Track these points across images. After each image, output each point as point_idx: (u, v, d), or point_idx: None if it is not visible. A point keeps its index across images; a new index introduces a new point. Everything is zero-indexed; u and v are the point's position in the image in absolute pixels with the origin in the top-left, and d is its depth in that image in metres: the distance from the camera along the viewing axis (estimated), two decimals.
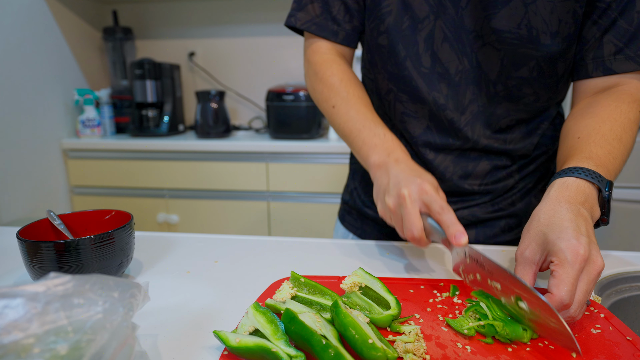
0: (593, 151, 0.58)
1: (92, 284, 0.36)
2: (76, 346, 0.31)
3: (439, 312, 0.50)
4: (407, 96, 0.73)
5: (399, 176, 0.58)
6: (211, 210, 1.98)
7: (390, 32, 0.70)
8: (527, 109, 0.72)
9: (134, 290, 0.38)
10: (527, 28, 0.63)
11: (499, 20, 0.64)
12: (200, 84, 2.41)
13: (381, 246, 0.72)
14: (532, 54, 0.65)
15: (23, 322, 0.31)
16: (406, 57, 0.70)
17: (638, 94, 0.65)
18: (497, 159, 0.75)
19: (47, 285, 0.34)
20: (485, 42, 0.66)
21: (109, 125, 2.14)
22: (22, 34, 1.81)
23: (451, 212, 0.53)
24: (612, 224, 1.80)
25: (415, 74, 0.71)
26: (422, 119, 0.74)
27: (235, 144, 1.89)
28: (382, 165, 0.62)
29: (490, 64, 0.68)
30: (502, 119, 0.72)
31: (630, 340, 0.44)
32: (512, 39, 0.65)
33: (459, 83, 0.70)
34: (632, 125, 0.62)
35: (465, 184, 0.75)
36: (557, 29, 0.64)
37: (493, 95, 0.70)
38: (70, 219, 0.63)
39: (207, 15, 2.33)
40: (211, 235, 0.77)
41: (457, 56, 0.68)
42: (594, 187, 0.54)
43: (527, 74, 0.68)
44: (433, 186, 0.56)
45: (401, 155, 0.62)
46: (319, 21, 0.75)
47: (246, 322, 0.44)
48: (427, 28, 0.68)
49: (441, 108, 0.71)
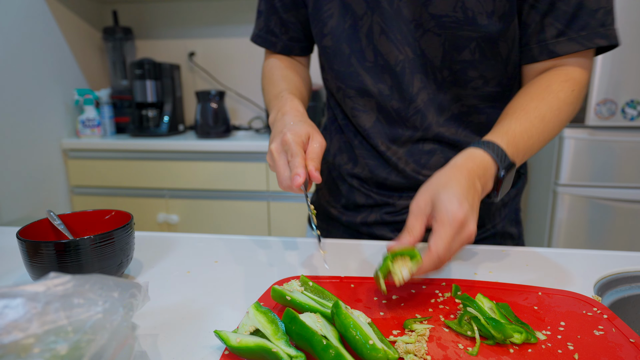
0: (511, 127, 0.62)
1: (92, 284, 0.36)
2: (76, 346, 0.31)
3: (441, 312, 0.50)
4: (355, 91, 0.77)
5: (275, 131, 0.64)
6: (211, 210, 1.98)
7: (333, 33, 0.75)
8: (477, 94, 0.73)
9: (134, 290, 0.38)
10: (463, 10, 0.66)
11: (435, 6, 0.66)
12: (200, 84, 2.41)
13: (381, 246, 0.72)
14: (471, 36, 0.67)
15: (23, 322, 0.31)
16: (351, 54, 0.74)
17: (574, 72, 0.66)
18: (451, 150, 0.76)
19: (47, 285, 0.34)
20: (426, 30, 0.69)
21: (109, 125, 2.14)
22: (22, 34, 1.81)
23: (297, 157, 0.57)
24: (612, 224, 1.80)
25: (360, 69, 0.74)
26: (370, 111, 0.77)
27: (235, 144, 1.89)
28: (272, 121, 0.68)
29: (433, 51, 0.70)
30: (453, 104, 0.74)
31: (634, 342, 0.44)
32: (450, 22, 0.67)
33: (402, 73, 0.72)
34: (560, 105, 0.64)
35: (420, 176, 0.77)
36: (493, 8, 0.65)
37: (441, 81, 0.72)
38: (70, 219, 0.63)
39: (207, 15, 2.33)
40: (211, 235, 0.77)
41: (395, 47, 0.71)
42: (494, 162, 0.58)
43: (469, 56, 0.69)
44: (295, 135, 0.60)
45: (287, 109, 0.67)
46: (262, 34, 0.84)
47: (247, 322, 0.44)
48: (366, 24, 0.72)
49: (387, 99, 0.74)
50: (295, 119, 0.64)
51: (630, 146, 1.73)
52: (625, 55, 1.65)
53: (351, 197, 0.83)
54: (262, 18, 0.83)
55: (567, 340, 0.44)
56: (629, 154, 1.74)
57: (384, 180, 0.79)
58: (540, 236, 1.99)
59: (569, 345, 0.43)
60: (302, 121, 0.64)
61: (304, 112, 0.69)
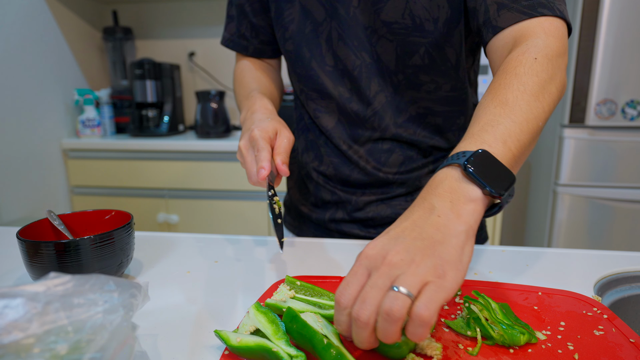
0: (468, 132, 0.51)
1: (92, 284, 0.36)
2: (76, 346, 0.31)
3: (441, 312, 0.50)
4: (317, 94, 0.79)
5: (244, 129, 0.66)
6: (211, 210, 1.98)
7: (294, 38, 0.77)
8: (431, 97, 0.75)
9: (134, 290, 0.38)
10: (411, 17, 0.68)
11: (386, 13, 0.69)
12: (200, 84, 2.41)
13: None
14: (420, 42, 0.70)
15: (23, 322, 0.31)
16: (311, 58, 0.76)
17: (535, 40, 0.57)
18: (409, 149, 0.78)
19: (47, 285, 0.34)
20: (380, 36, 0.71)
21: (109, 125, 2.14)
22: (22, 34, 1.81)
23: (263, 151, 0.60)
24: (612, 224, 1.80)
25: (320, 73, 0.77)
26: (332, 113, 0.79)
27: (235, 144, 1.89)
28: (243, 120, 0.71)
29: (388, 55, 0.72)
30: (410, 106, 0.76)
31: (634, 342, 0.44)
32: (399, 28, 0.69)
33: (359, 77, 0.74)
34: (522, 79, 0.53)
35: (380, 173, 0.79)
36: (438, 14, 0.67)
37: (397, 85, 0.74)
38: (70, 219, 0.63)
39: (207, 15, 2.33)
40: (211, 235, 0.77)
41: (352, 52, 0.73)
42: (452, 167, 0.46)
43: (419, 61, 0.71)
44: (263, 131, 0.62)
45: (257, 107, 0.70)
46: (233, 38, 0.87)
47: (247, 322, 0.44)
48: (326, 30, 0.74)
49: (347, 101, 0.77)
50: (263, 116, 0.67)
51: (630, 146, 1.73)
52: (625, 55, 1.65)
53: (318, 194, 0.85)
54: (233, 22, 0.86)
55: (567, 340, 0.44)
56: (629, 154, 1.74)
57: (347, 177, 0.81)
58: (540, 236, 1.99)
59: (569, 345, 0.43)
60: (270, 118, 0.67)
61: (272, 109, 0.72)
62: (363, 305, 0.36)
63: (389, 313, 0.35)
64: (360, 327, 0.36)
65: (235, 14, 0.85)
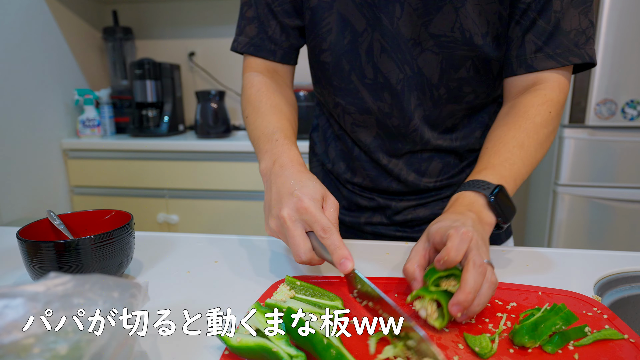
0: (490, 161, 0.63)
1: (92, 284, 0.36)
2: (76, 346, 0.31)
3: None
4: (355, 108, 0.76)
5: (279, 191, 0.55)
6: (211, 210, 1.98)
7: (333, 49, 0.73)
8: (469, 107, 0.75)
9: (133, 290, 0.38)
10: (460, 31, 0.67)
11: (434, 25, 0.67)
12: (200, 84, 2.41)
13: (382, 246, 0.72)
14: (468, 55, 0.69)
15: (23, 322, 0.31)
16: (351, 70, 0.73)
17: (552, 94, 0.67)
18: (447, 156, 0.79)
19: (47, 285, 0.34)
20: (424, 49, 0.69)
21: (109, 125, 2.14)
22: (22, 34, 1.81)
23: (334, 233, 0.51)
24: (612, 224, 1.80)
25: (360, 86, 0.74)
26: (371, 127, 0.77)
27: (235, 144, 1.89)
28: (267, 173, 0.60)
29: (431, 69, 0.70)
30: (448, 120, 0.76)
31: (634, 342, 0.44)
32: (447, 42, 0.68)
33: (401, 91, 0.72)
34: (537, 129, 0.65)
35: (421, 183, 0.79)
36: (487, 29, 0.67)
37: (437, 99, 0.73)
38: (70, 219, 0.63)
39: (207, 15, 2.33)
40: (211, 235, 0.77)
41: (396, 65, 0.71)
42: (479, 194, 0.58)
43: (465, 74, 0.71)
44: (313, 200, 0.52)
45: (286, 161, 0.59)
46: (256, 42, 0.76)
47: (247, 322, 0.44)
48: (366, 41, 0.71)
49: (387, 116, 0.74)
50: (300, 176, 0.56)
51: (630, 146, 1.73)
52: (625, 55, 1.65)
53: (353, 199, 0.84)
54: (253, 25, 0.75)
55: None
56: (629, 154, 1.74)
57: (386, 188, 0.80)
58: (540, 236, 1.99)
59: (569, 345, 0.43)
60: (309, 179, 0.56)
61: (303, 163, 0.61)
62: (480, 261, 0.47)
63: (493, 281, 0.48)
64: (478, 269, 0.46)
65: (260, 15, 0.75)
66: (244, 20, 0.77)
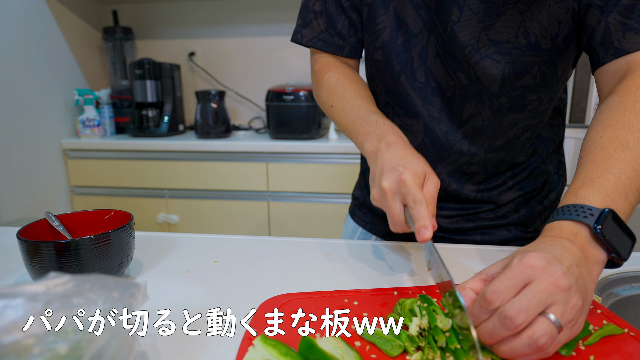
0: (588, 175, 0.49)
1: (92, 284, 0.36)
2: (76, 346, 0.31)
3: None
4: (403, 110, 0.74)
5: (384, 165, 0.56)
6: (211, 210, 1.98)
7: (385, 48, 0.71)
8: (531, 115, 0.71)
9: (133, 290, 0.38)
10: (525, 36, 0.62)
11: (495, 31, 0.63)
12: (200, 84, 2.41)
13: (381, 246, 0.72)
14: (534, 61, 0.64)
15: (23, 322, 0.31)
16: (401, 71, 0.71)
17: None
18: (492, 168, 0.76)
19: (47, 285, 0.34)
20: (483, 55, 0.65)
21: (109, 125, 2.14)
22: (22, 34, 1.81)
23: (423, 205, 0.50)
24: None
25: (409, 89, 0.71)
26: (417, 133, 0.74)
27: (235, 144, 1.89)
28: (375, 151, 0.60)
29: (491, 77, 0.66)
30: (509, 130, 0.71)
31: (634, 336, 0.44)
32: (510, 48, 0.63)
33: (452, 98, 0.69)
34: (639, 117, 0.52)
35: (463, 191, 0.76)
36: (557, 31, 0.62)
37: (497, 108, 0.69)
38: (70, 219, 0.63)
39: (207, 15, 2.32)
40: (211, 235, 0.77)
41: (447, 72, 0.68)
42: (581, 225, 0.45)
43: (530, 81, 0.66)
44: (414, 175, 0.53)
45: (393, 139, 0.59)
46: (324, 37, 0.76)
47: (254, 356, 0.40)
48: (420, 43, 0.68)
49: (436, 122, 0.72)
50: (405, 153, 0.56)
51: None
52: None
53: None
54: (321, 19, 0.75)
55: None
56: None
57: None
58: None
59: (579, 345, 0.43)
60: (414, 156, 0.56)
61: (408, 141, 0.60)
62: (523, 311, 0.37)
63: (537, 341, 0.37)
64: (507, 327, 0.37)
65: (328, 9, 0.74)
66: (311, 13, 0.76)
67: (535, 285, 0.38)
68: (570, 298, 0.38)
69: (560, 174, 0.83)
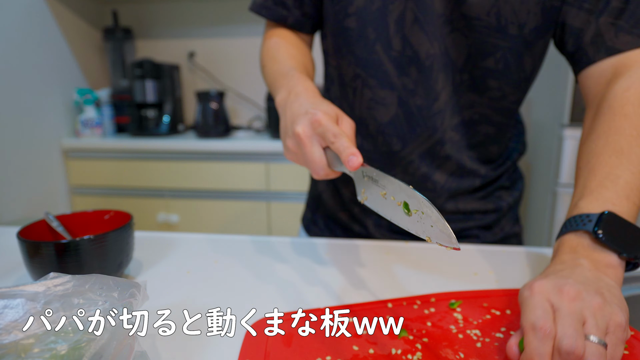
0: (586, 186, 0.51)
1: (92, 284, 0.36)
2: (76, 346, 0.31)
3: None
4: (376, 81, 0.70)
5: (294, 113, 0.54)
6: (211, 210, 1.98)
7: (359, 14, 0.68)
8: (492, 105, 0.70)
9: (133, 290, 0.38)
10: (496, 17, 0.62)
11: (469, 6, 0.62)
12: (200, 84, 2.41)
13: (382, 246, 0.72)
14: (499, 44, 0.64)
15: (23, 322, 0.31)
16: (376, 40, 0.68)
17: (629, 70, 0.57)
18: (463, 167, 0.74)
19: (47, 285, 0.34)
20: (454, 28, 0.64)
21: (109, 125, 2.14)
22: (22, 34, 1.81)
23: (343, 137, 0.48)
24: None
25: (384, 58, 0.69)
26: (390, 105, 0.71)
27: (235, 144, 1.89)
28: (283, 103, 0.58)
29: (458, 51, 0.66)
30: (466, 110, 0.70)
31: (633, 335, 0.44)
32: (480, 26, 0.63)
33: (430, 68, 0.67)
34: (633, 121, 0.52)
35: (428, 182, 0.74)
36: (526, 20, 0.62)
37: (459, 84, 0.68)
38: (70, 220, 0.63)
39: (207, 15, 2.33)
40: (211, 235, 0.77)
41: (427, 39, 0.66)
42: (581, 233, 0.47)
43: (492, 64, 0.66)
44: (327, 114, 0.51)
45: (301, 89, 0.57)
46: (269, 5, 0.76)
47: None
48: (397, 9, 0.65)
49: (410, 94, 0.69)
50: (314, 99, 0.55)
51: None
52: None
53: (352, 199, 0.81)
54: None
55: None
56: None
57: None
58: (540, 236, 1.99)
59: None
60: (323, 101, 0.55)
61: (319, 93, 0.59)
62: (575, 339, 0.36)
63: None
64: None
65: None
66: None
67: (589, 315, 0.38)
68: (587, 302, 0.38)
69: (517, 177, 0.83)
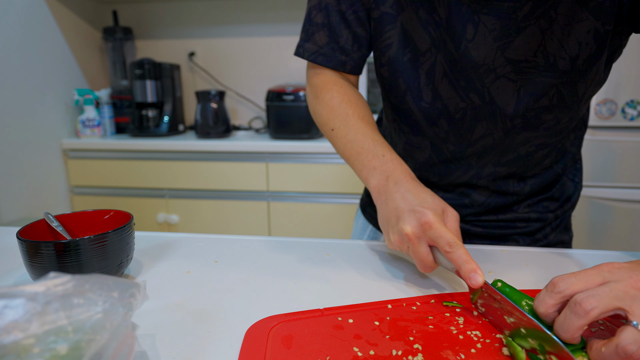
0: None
1: (92, 284, 0.36)
2: (76, 346, 0.31)
3: None
4: (409, 129, 0.73)
5: (398, 207, 0.54)
6: (211, 210, 1.98)
7: (391, 65, 0.68)
8: (547, 133, 0.69)
9: (133, 290, 0.38)
10: (544, 55, 0.59)
11: (513, 50, 0.59)
12: (200, 84, 2.41)
13: (382, 246, 0.72)
14: (551, 82, 0.61)
15: (23, 322, 0.31)
16: (406, 90, 0.68)
17: None
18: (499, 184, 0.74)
19: (47, 285, 0.34)
20: (499, 75, 0.62)
21: (109, 125, 2.14)
22: (22, 34, 1.81)
23: (461, 248, 0.49)
24: (612, 224, 1.80)
25: (414, 108, 0.69)
26: (424, 149, 0.73)
27: (235, 144, 1.89)
28: (381, 190, 0.58)
29: (506, 98, 0.63)
30: (521, 147, 0.70)
31: None
32: (528, 67, 0.60)
33: (461, 120, 0.67)
34: None
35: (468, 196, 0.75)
36: (578, 52, 0.58)
37: (510, 129, 0.67)
38: (70, 220, 0.63)
39: (207, 15, 2.33)
40: (211, 235, 0.77)
41: (457, 94, 0.65)
42: None
43: (547, 102, 0.63)
44: (436, 215, 0.51)
45: (400, 177, 0.58)
46: (326, 51, 0.72)
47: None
48: (428, 62, 0.65)
49: (442, 141, 0.71)
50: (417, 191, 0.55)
51: (630, 146, 1.73)
52: (625, 55, 1.65)
53: None
54: (322, 32, 0.71)
55: None
56: (629, 154, 1.74)
57: None
58: None
59: None
60: (426, 192, 0.55)
61: (416, 177, 0.59)
62: (594, 297, 0.36)
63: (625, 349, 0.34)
64: (576, 313, 0.36)
65: (331, 22, 0.70)
66: (313, 26, 0.72)
67: (613, 284, 0.37)
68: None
69: (577, 180, 0.81)
